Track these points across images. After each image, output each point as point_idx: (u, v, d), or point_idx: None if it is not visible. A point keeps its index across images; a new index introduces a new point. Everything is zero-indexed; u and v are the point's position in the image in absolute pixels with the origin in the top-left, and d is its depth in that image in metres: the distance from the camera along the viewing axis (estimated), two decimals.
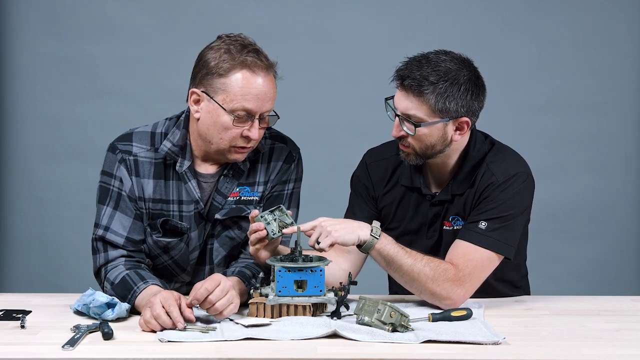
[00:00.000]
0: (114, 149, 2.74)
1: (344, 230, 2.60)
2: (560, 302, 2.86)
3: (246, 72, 2.62)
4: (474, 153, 2.80)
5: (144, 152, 2.73)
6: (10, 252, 4.67)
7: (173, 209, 2.74)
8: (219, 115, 2.63)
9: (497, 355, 2.27)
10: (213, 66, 2.62)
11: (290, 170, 2.82)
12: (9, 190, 4.63)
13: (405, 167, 2.86)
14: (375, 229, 2.63)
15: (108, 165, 2.74)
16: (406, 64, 2.72)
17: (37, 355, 2.26)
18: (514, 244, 2.75)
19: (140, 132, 2.76)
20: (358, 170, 2.96)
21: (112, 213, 2.71)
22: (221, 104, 2.62)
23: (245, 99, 2.61)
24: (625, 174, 4.64)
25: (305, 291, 2.55)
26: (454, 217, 2.82)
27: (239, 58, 2.62)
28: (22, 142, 4.61)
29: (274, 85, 2.68)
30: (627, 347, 2.37)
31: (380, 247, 2.63)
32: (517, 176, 2.76)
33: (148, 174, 2.72)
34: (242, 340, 2.34)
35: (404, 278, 2.67)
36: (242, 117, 2.62)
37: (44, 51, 4.56)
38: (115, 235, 2.70)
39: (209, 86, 2.63)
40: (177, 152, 2.72)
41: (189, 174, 2.72)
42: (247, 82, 2.61)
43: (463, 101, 2.68)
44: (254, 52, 2.64)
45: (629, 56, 4.59)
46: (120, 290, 2.61)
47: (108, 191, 2.73)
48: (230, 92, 2.61)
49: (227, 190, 2.76)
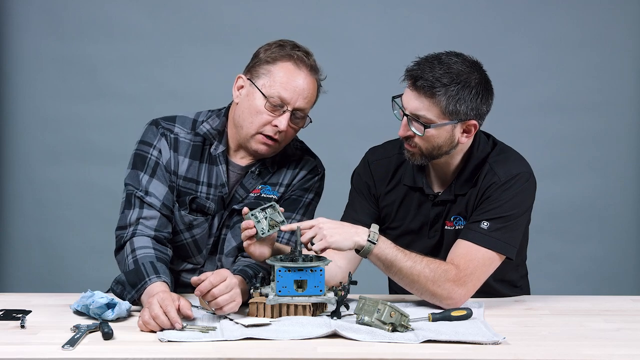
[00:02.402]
0: (157, 124, 2.85)
1: (340, 236, 2.59)
2: (560, 302, 2.86)
3: (291, 64, 2.76)
4: (477, 153, 2.80)
5: (184, 134, 2.84)
6: (10, 252, 4.67)
7: (201, 189, 2.82)
8: (255, 98, 2.74)
9: (497, 355, 2.27)
10: (263, 56, 2.78)
11: (313, 182, 2.90)
12: (9, 190, 4.63)
13: (407, 167, 2.86)
14: (372, 233, 2.62)
15: (149, 136, 2.83)
16: (418, 64, 2.70)
17: (37, 355, 2.25)
18: (515, 244, 2.75)
19: (184, 117, 2.87)
20: (360, 168, 2.96)
21: (149, 180, 2.79)
22: (260, 87, 2.74)
23: (282, 87, 2.73)
24: (625, 174, 4.64)
25: (305, 291, 2.55)
26: (456, 216, 2.82)
27: (288, 51, 2.77)
28: (22, 142, 4.61)
29: (315, 87, 2.80)
30: (627, 347, 2.37)
31: (378, 252, 2.62)
32: (519, 176, 2.76)
33: (185, 152, 2.82)
34: (242, 340, 2.34)
35: (404, 281, 2.67)
36: (275, 105, 2.73)
37: (44, 51, 4.56)
38: (154, 198, 2.77)
39: (255, 72, 2.77)
40: (215, 135, 2.83)
41: (221, 158, 2.82)
42: (289, 72, 2.75)
43: (473, 104, 2.68)
44: (304, 52, 2.79)
45: (629, 56, 4.59)
46: (132, 276, 2.62)
47: (145, 159, 2.81)
48: (270, 78, 2.74)
49: (250, 186, 2.84)
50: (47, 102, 4.59)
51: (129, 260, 2.67)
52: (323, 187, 2.95)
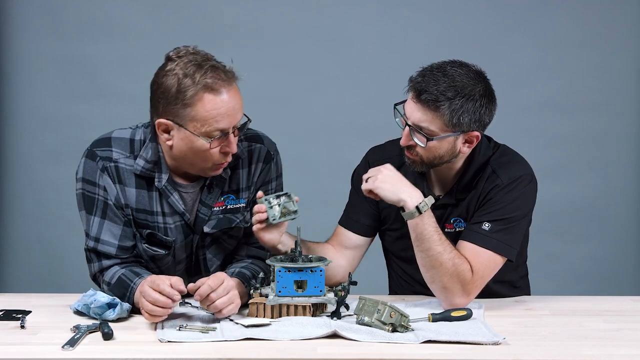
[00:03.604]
0: (93, 156, 2.68)
1: (390, 186, 2.65)
2: (560, 302, 2.86)
3: (209, 95, 2.54)
4: (479, 157, 2.80)
5: (124, 159, 2.67)
6: (10, 252, 4.67)
7: (157, 220, 2.70)
8: (194, 141, 2.57)
9: (497, 355, 2.27)
10: (174, 94, 2.54)
11: (270, 170, 2.79)
12: (9, 190, 4.63)
13: (408, 169, 2.84)
14: (424, 204, 2.64)
15: (89, 173, 2.68)
16: (422, 75, 2.68)
17: (37, 355, 2.26)
18: (516, 246, 2.75)
19: (119, 137, 2.71)
20: (361, 169, 2.94)
21: (100, 222, 2.68)
22: (193, 131, 2.56)
23: (216, 121, 2.55)
24: (625, 174, 4.64)
25: (305, 291, 2.55)
26: (457, 218, 2.82)
27: (199, 82, 2.53)
28: (22, 142, 4.60)
29: (239, 94, 2.61)
30: (627, 347, 2.37)
31: (417, 223, 2.64)
32: (522, 178, 2.76)
33: (130, 182, 2.68)
34: (242, 340, 2.34)
35: (425, 261, 2.67)
36: (217, 137, 2.58)
37: (44, 51, 4.56)
38: (107, 246, 2.68)
39: (176, 116, 2.57)
40: (152, 168, 2.67)
41: (169, 188, 2.69)
42: (214, 105, 2.55)
43: (476, 116, 2.68)
44: (212, 69, 2.55)
45: (629, 56, 4.59)
46: (118, 290, 2.61)
47: (93, 200, 2.68)
48: (200, 119, 2.55)
49: (211, 201, 2.73)
50: (47, 102, 4.58)
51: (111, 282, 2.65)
52: (281, 162, 2.82)
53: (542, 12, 4.56)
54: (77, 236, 4.61)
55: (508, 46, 4.55)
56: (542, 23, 4.57)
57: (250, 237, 2.78)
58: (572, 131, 4.60)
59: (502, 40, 4.55)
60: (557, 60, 4.58)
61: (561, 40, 4.57)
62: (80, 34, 4.55)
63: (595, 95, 4.60)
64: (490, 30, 4.56)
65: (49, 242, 4.64)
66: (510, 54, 4.54)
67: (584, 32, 4.58)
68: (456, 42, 4.49)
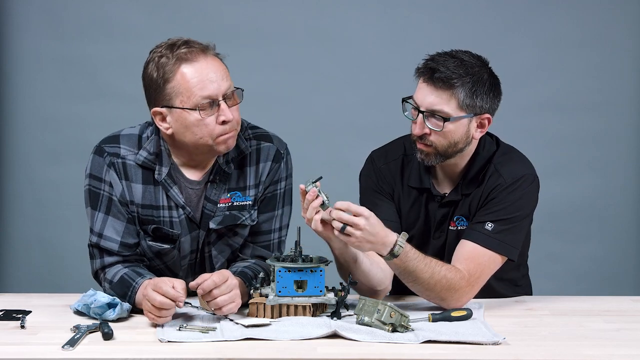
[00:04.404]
0: (101, 152, 2.70)
1: (368, 247, 2.54)
2: (560, 302, 2.86)
3: (185, 65, 2.59)
4: (483, 153, 2.80)
5: (132, 155, 2.69)
6: (10, 252, 4.67)
7: (163, 214, 2.71)
8: (186, 117, 2.60)
9: (497, 355, 2.27)
10: (156, 78, 2.61)
11: (280, 169, 2.78)
12: (9, 190, 4.63)
13: (413, 168, 2.84)
14: (397, 247, 2.56)
15: (96, 169, 2.70)
16: (432, 58, 2.70)
17: (37, 355, 2.26)
18: (518, 245, 2.75)
19: (128, 134, 2.73)
20: (372, 174, 2.88)
21: (104, 218, 2.69)
22: (181, 106, 2.59)
23: (199, 88, 2.58)
24: (625, 174, 4.64)
25: (305, 291, 2.55)
26: (459, 217, 2.82)
27: (173, 57, 2.59)
28: (22, 142, 4.60)
29: (220, 63, 2.64)
30: (627, 347, 2.37)
31: (397, 263, 2.58)
32: (524, 178, 2.76)
33: (137, 178, 2.69)
34: (242, 340, 2.34)
35: (416, 288, 2.65)
36: (206, 106, 2.59)
37: (44, 51, 4.56)
38: (110, 242, 2.68)
39: (164, 98, 2.61)
40: (154, 160, 2.69)
41: (169, 182, 2.70)
42: (192, 73, 2.58)
43: (487, 97, 2.69)
44: (184, 44, 2.62)
45: (629, 56, 4.59)
46: (120, 289, 2.62)
47: (98, 196, 2.70)
48: (183, 91, 2.58)
49: (216, 197, 2.72)
50: (47, 102, 4.58)
51: (113, 281, 2.66)
52: (291, 163, 2.81)
53: (542, 12, 4.56)
54: (77, 236, 4.63)
55: (508, 46, 4.55)
56: (542, 23, 4.57)
57: (256, 236, 2.78)
58: (572, 131, 4.60)
59: (502, 40, 4.55)
60: (557, 60, 4.58)
61: (561, 40, 4.57)
62: (80, 34, 4.55)
63: (595, 95, 4.60)
64: (490, 30, 4.56)
65: (49, 242, 4.64)
66: (510, 54, 4.54)
67: (584, 32, 4.58)
68: (456, 42, 4.44)
